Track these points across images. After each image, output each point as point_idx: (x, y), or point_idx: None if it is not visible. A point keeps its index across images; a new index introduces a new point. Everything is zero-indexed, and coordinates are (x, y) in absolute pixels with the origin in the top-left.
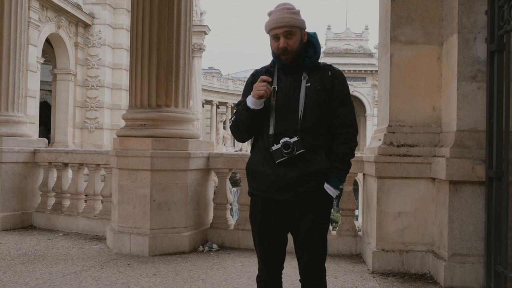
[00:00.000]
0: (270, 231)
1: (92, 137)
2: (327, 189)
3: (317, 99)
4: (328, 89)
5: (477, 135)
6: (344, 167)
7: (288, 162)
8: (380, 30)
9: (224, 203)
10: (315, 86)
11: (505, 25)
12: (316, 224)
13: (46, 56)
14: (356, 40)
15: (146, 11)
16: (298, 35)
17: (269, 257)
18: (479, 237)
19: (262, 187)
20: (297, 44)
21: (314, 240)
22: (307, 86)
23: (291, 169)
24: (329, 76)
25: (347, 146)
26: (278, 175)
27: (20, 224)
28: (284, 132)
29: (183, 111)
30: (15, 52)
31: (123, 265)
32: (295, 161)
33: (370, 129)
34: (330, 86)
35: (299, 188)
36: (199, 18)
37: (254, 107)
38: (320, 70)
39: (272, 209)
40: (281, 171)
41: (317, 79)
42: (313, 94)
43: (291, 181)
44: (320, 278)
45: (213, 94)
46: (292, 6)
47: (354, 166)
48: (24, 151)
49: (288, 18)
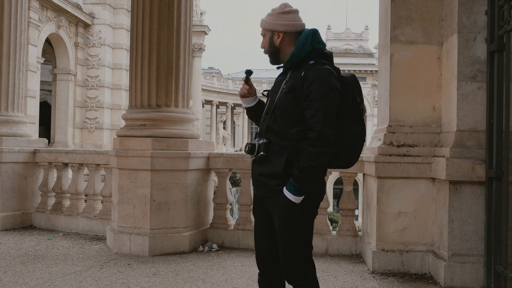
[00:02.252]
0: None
1: (92, 137)
2: (284, 192)
3: (283, 102)
4: (297, 91)
5: (477, 135)
6: (299, 173)
7: (258, 161)
8: (380, 30)
9: (224, 203)
10: (287, 88)
11: (505, 25)
12: (283, 225)
13: (46, 56)
14: (356, 40)
15: (146, 11)
16: (268, 36)
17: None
18: (479, 237)
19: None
20: (267, 45)
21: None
22: (282, 88)
23: (257, 167)
24: (301, 77)
25: (306, 152)
26: (252, 171)
27: (20, 224)
28: (260, 133)
29: (183, 111)
30: (15, 52)
31: (123, 265)
32: (262, 161)
33: (370, 129)
34: (300, 87)
35: (262, 187)
36: (199, 18)
37: (244, 105)
38: (300, 70)
39: (258, 201)
40: (253, 168)
41: (292, 80)
42: (281, 97)
43: (256, 179)
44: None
45: (213, 94)
46: (278, 8)
47: (354, 166)
48: (24, 151)
49: (261, 21)
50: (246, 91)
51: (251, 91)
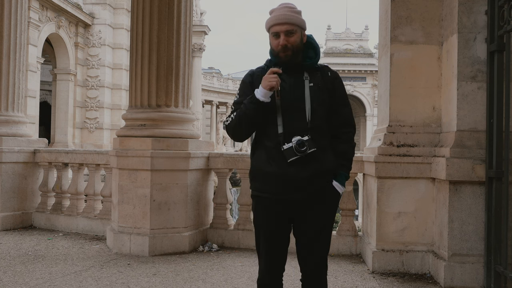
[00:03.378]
0: (277, 233)
1: (92, 137)
2: (336, 186)
3: (322, 99)
4: (330, 89)
5: (477, 135)
6: (349, 165)
7: (300, 161)
8: (380, 30)
9: (224, 203)
10: (318, 86)
11: (505, 25)
12: (327, 221)
13: (46, 56)
14: (356, 40)
15: (146, 11)
16: (299, 34)
17: (274, 260)
18: (479, 237)
19: (271, 188)
20: (298, 42)
21: (325, 237)
22: (310, 86)
23: (303, 168)
24: (329, 77)
25: (349, 145)
26: (289, 174)
27: (20, 224)
28: (293, 131)
29: (183, 111)
30: (15, 52)
31: (123, 265)
32: (307, 160)
33: (370, 129)
34: (331, 86)
35: (311, 187)
36: (199, 18)
37: (264, 99)
38: (319, 70)
39: (281, 210)
40: (292, 170)
41: (319, 79)
42: (317, 94)
43: (304, 181)
44: (324, 276)
45: (213, 94)
46: (294, 6)
47: (354, 166)
48: (24, 151)
49: (290, 15)
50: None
51: None
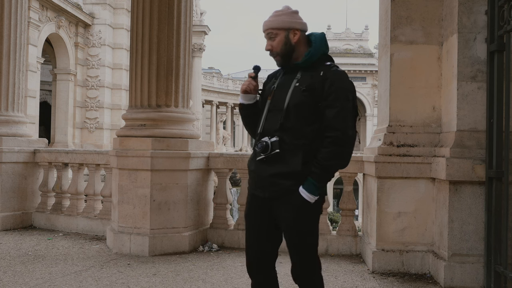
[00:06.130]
0: (256, 226)
1: (92, 137)
2: (301, 192)
3: (300, 100)
4: (317, 90)
5: (477, 135)
6: (321, 172)
7: (266, 161)
8: (380, 30)
9: (224, 203)
10: (304, 86)
11: (505, 25)
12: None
13: (46, 56)
14: (356, 40)
15: (146, 11)
16: (281, 35)
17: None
18: (479, 237)
19: (251, 184)
20: (281, 45)
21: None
22: (295, 86)
23: (267, 168)
24: (320, 77)
25: (328, 150)
26: (257, 172)
27: (20, 224)
28: (267, 132)
29: (183, 111)
30: (15, 52)
31: (123, 265)
32: (272, 161)
33: (370, 129)
34: (319, 86)
35: (272, 187)
36: (199, 18)
37: (242, 101)
38: (316, 70)
39: (257, 204)
40: (260, 168)
41: (308, 79)
42: (298, 95)
43: (266, 180)
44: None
45: (213, 94)
46: (285, 8)
47: (354, 166)
48: (24, 151)
49: (270, 21)
50: (253, 87)
51: (257, 88)
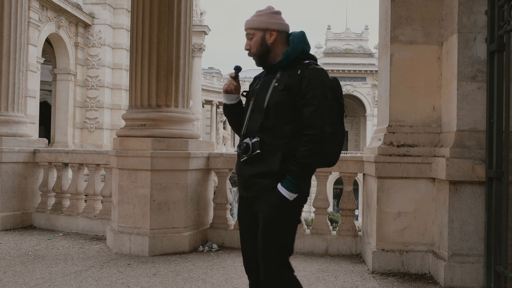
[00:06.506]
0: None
1: (92, 137)
2: (279, 189)
3: (278, 99)
4: (294, 88)
5: (477, 135)
6: (298, 170)
7: (249, 162)
8: (380, 30)
9: (224, 203)
10: (282, 86)
11: (505, 25)
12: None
13: (46, 56)
14: (356, 40)
15: (146, 11)
16: (258, 36)
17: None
18: (479, 237)
19: (238, 185)
20: (257, 45)
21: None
22: (274, 86)
23: (249, 168)
24: (298, 75)
25: (306, 148)
26: (240, 172)
27: (20, 224)
28: (250, 132)
29: (183, 111)
30: (15, 52)
31: (123, 265)
32: (254, 161)
33: (370, 129)
34: (297, 85)
35: (253, 187)
36: (199, 18)
37: (225, 101)
38: (294, 69)
39: (244, 204)
40: (244, 169)
41: (286, 78)
42: (276, 94)
43: (248, 181)
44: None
45: (213, 94)
46: (267, 8)
47: (354, 166)
48: (24, 151)
49: (250, 21)
50: (233, 87)
51: (238, 88)
